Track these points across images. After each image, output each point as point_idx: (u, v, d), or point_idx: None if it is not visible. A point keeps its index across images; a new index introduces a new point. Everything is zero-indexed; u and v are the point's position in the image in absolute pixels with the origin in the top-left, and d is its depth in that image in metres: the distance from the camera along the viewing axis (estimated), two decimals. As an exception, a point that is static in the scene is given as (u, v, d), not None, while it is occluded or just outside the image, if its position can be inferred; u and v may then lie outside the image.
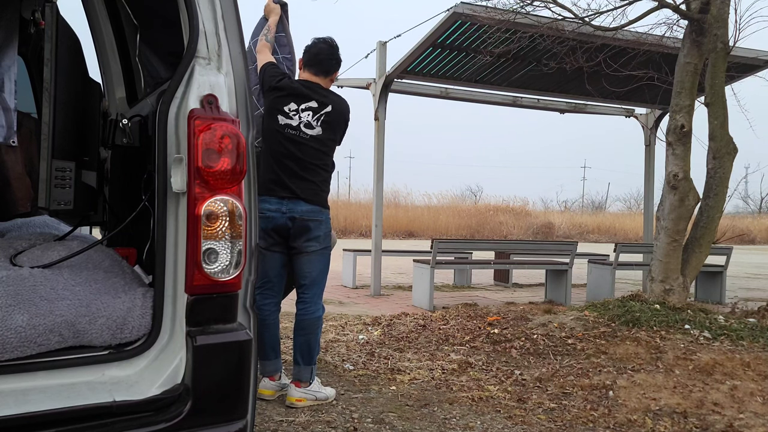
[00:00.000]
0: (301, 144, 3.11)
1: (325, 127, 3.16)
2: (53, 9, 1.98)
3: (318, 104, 3.16)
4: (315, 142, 3.13)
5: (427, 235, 21.84)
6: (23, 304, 1.50)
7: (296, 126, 3.12)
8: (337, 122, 3.21)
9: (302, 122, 3.13)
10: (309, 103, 3.15)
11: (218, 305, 1.60)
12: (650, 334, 4.42)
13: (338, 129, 3.25)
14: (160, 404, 1.50)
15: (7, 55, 2.36)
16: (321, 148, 3.15)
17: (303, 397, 3.15)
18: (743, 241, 27.05)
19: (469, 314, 5.40)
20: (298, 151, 3.10)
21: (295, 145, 3.11)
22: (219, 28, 1.66)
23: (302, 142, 3.11)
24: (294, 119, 3.13)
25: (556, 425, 3.01)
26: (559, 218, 30.66)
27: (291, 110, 3.13)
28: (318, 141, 3.14)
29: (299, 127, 3.12)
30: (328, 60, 3.25)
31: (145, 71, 2.49)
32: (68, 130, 1.99)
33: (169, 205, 1.60)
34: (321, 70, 3.25)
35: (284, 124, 3.12)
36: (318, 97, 3.18)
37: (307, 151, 3.11)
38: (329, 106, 3.18)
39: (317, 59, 3.25)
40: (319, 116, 3.15)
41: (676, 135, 5.36)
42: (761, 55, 7.27)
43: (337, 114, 3.20)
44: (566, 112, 9.33)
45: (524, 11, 5.93)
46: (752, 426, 2.99)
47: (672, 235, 5.33)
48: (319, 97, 3.18)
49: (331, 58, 3.26)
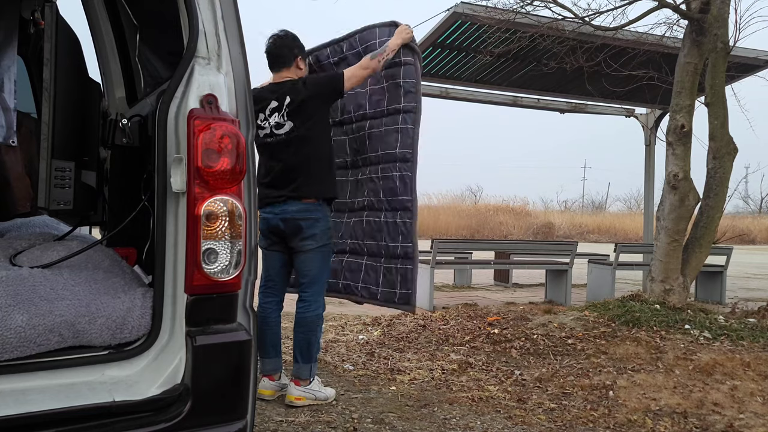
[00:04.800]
0: (277, 146, 3.13)
1: (294, 117, 3.11)
2: (53, 9, 1.98)
3: (277, 102, 3.14)
4: (291, 137, 3.11)
5: (427, 235, 21.83)
6: (23, 304, 1.49)
7: (270, 132, 3.14)
8: (302, 102, 3.10)
9: (272, 125, 3.14)
10: (270, 105, 3.16)
11: (218, 305, 1.60)
12: (650, 334, 4.42)
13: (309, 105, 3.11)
14: (159, 404, 1.50)
15: (7, 55, 2.36)
16: (300, 138, 3.11)
17: (302, 396, 3.15)
18: (743, 241, 27.03)
19: (469, 314, 5.39)
20: (278, 154, 3.13)
21: (274, 148, 3.14)
22: (219, 28, 1.66)
23: (279, 143, 3.13)
24: (266, 127, 3.16)
25: (556, 425, 3.01)
26: (559, 218, 30.67)
27: (262, 121, 3.17)
28: (293, 135, 3.11)
29: (272, 132, 3.14)
30: (277, 55, 3.22)
31: (145, 71, 2.49)
32: (68, 130, 1.99)
33: (168, 205, 1.59)
34: (276, 65, 3.24)
35: (262, 135, 3.16)
36: (274, 95, 3.16)
37: (287, 149, 3.11)
38: (286, 97, 3.12)
39: (269, 59, 3.26)
40: (283, 112, 3.13)
41: (676, 135, 5.36)
42: (761, 55, 7.27)
43: (296, 98, 3.11)
44: (566, 112, 9.34)
45: (524, 11, 5.94)
46: (752, 426, 2.99)
47: (672, 235, 5.32)
48: (276, 95, 3.15)
49: (279, 52, 3.22)
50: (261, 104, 3.14)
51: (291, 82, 3.19)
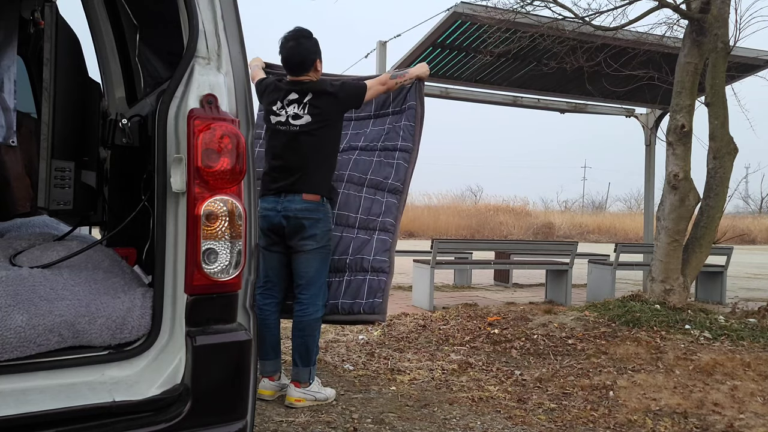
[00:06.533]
0: (291, 136, 3.12)
1: (314, 113, 3.11)
2: (53, 9, 1.98)
3: (299, 94, 3.14)
4: (305, 132, 3.11)
5: (427, 235, 21.82)
6: (23, 304, 1.49)
7: (285, 121, 3.14)
8: (327, 104, 3.13)
9: (289, 115, 3.13)
10: (290, 96, 3.15)
11: (218, 305, 1.60)
12: (650, 335, 4.42)
13: (333, 109, 3.16)
14: (159, 404, 1.49)
15: (7, 55, 2.36)
16: (313, 135, 3.11)
17: (302, 398, 3.14)
18: (743, 241, 27.02)
19: (469, 314, 5.40)
20: (289, 144, 3.12)
21: (286, 138, 3.13)
22: (219, 28, 1.66)
23: (292, 134, 3.12)
24: (282, 115, 3.15)
25: (556, 425, 3.01)
26: (560, 218, 30.65)
27: (277, 108, 3.16)
28: (308, 129, 3.11)
29: (288, 121, 3.13)
30: (300, 63, 3.14)
31: (145, 71, 2.49)
32: (68, 130, 1.99)
33: (168, 205, 1.59)
34: (297, 72, 3.16)
35: (275, 122, 3.16)
36: (297, 89, 3.16)
37: (299, 142, 3.11)
38: (309, 93, 3.13)
39: (290, 66, 3.16)
40: (304, 105, 3.12)
41: (677, 135, 5.36)
42: (761, 55, 7.27)
43: (321, 97, 3.12)
44: (566, 112, 9.32)
45: (524, 11, 5.94)
46: (752, 426, 2.99)
47: (672, 235, 5.33)
48: (299, 88, 3.15)
49: (302, 60, 3.13)
50: (277, 94, 3.16)
51: (314, 83, 3.18)
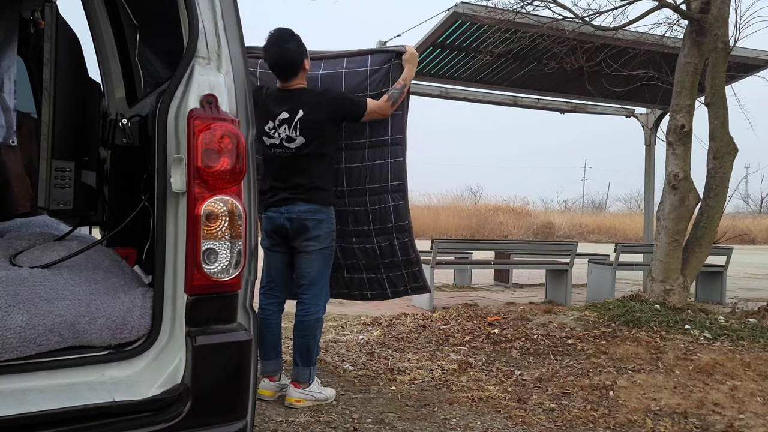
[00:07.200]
0: (287, 159, 3.09)
1: (306, 134, 3.04)
2: (53, 9, 1.98)
3: (289, 113, 3.05)
4: (301, 153, 3.06)
5: (427, 235, 21.82)
6: (23, 304, 1.49)
7: (279, 144, 3.08)
8: (317, 119, 3.05)
9: (282, 138, 3.07)
10: (280, 115, 3.07)
11: (218, 305, 1.60)
12: (650, 335, 4.42)
13: (324, 123, 3.07)
14: (159, 404, 1.50)
15: (7, 55, 2.36)
16: (310, 155, 3.07)
17: (302, 398, 3.15)
18: (743, 241, 27.02)
19: (469, 314, 5.39)
20: (287, 165, 3.10)
21: (283, 161, 3.10)
22: (219, 28, 1.66)
23: (288, 156, 3.08)
24: (275, 137, 3.08)
25: (556, 425, 3.01)
26: (560, 218, 30.66)
27: (270, 129, 3.09)
28: (304, 151, 3.06)
29: (282, 144, 3.08)
30: (287, 66, 3.05)
31: (145, 71, 2.49)
32: (68, 130, 1.99)
33: (168, 205, 1.59)
34: (287, 76, 3.09)
35: (269, 144, 3.11)
36: (288, 106, 3.06)
37: (296, 162, 3.08)
38: (299, 110, 3.04)
39: (279, 71, 3.08)
40: (295, 124, 3.05)
41: (677, 135, 5.36)
42: (761, 55, 7.27)
43: (311, 112, 3.04)
44: (566, 112, 9.33)
45: (524, 11, 5.94)
46: (752, 426, 2.99)
47: (672, 235, 5.32)
48: (289, 105, 3.06)
49: (289, 63, 3.04)
50: (269, 115, 3.07)
51: (305, 93, 3.10)
